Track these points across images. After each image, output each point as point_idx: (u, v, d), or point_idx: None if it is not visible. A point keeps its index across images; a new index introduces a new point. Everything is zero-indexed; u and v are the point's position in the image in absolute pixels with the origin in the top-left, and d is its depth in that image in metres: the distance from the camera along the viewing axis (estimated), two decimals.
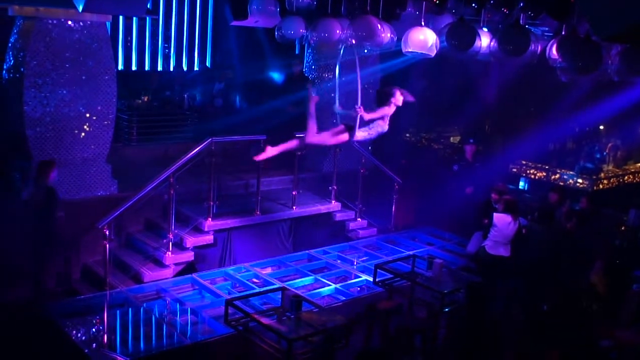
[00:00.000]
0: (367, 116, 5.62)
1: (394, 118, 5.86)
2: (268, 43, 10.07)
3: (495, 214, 6.83)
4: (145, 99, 9.03)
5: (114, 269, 6.61)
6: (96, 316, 5.76)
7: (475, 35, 5.90)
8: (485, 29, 6.33)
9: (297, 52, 10.95)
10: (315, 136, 5.56)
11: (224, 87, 10.01)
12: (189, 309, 6.04)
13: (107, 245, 6.26)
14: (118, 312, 5.96)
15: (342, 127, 5.68)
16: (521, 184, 9.53)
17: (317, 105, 5.65)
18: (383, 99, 5.72)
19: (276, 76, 7.11)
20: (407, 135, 10.77)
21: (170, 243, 6.83)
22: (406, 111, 9.99)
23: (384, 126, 5.70)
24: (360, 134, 5.63)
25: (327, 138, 5.68)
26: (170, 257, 6.81)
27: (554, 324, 5.81)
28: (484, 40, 6.08)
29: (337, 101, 5.76)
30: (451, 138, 10.62)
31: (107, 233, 6.24)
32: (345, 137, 5.65)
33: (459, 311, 5.08)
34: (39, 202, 6.06)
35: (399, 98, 5.75)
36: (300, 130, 5.98)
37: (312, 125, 5.54)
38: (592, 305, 6.33)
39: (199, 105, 9.46)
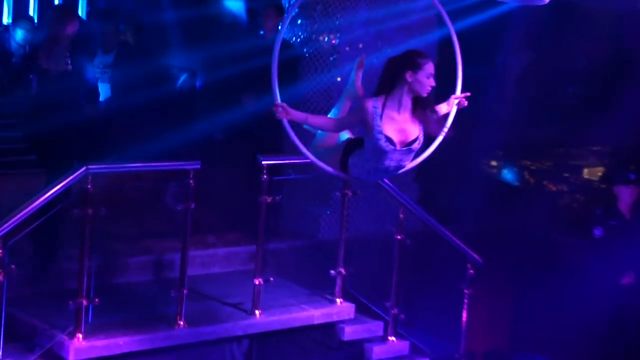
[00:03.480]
0: (316, 120, 5.61)
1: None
2: None
3: None
4: None
5: None
6: None
7: None
8: None
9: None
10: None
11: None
12: None
13: None
14: None
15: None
16: None
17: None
18: (384, 84, 5.25)
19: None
20: (492, 164, 10.68)
21: None
22: (487, 118, 9.47)
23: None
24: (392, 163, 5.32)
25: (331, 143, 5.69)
26: None
27: None
28: None
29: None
30: (586, 170, 10.67)
31: None
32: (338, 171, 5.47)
33: None
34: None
35: (420, 76, 5.03)
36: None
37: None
38: None
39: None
